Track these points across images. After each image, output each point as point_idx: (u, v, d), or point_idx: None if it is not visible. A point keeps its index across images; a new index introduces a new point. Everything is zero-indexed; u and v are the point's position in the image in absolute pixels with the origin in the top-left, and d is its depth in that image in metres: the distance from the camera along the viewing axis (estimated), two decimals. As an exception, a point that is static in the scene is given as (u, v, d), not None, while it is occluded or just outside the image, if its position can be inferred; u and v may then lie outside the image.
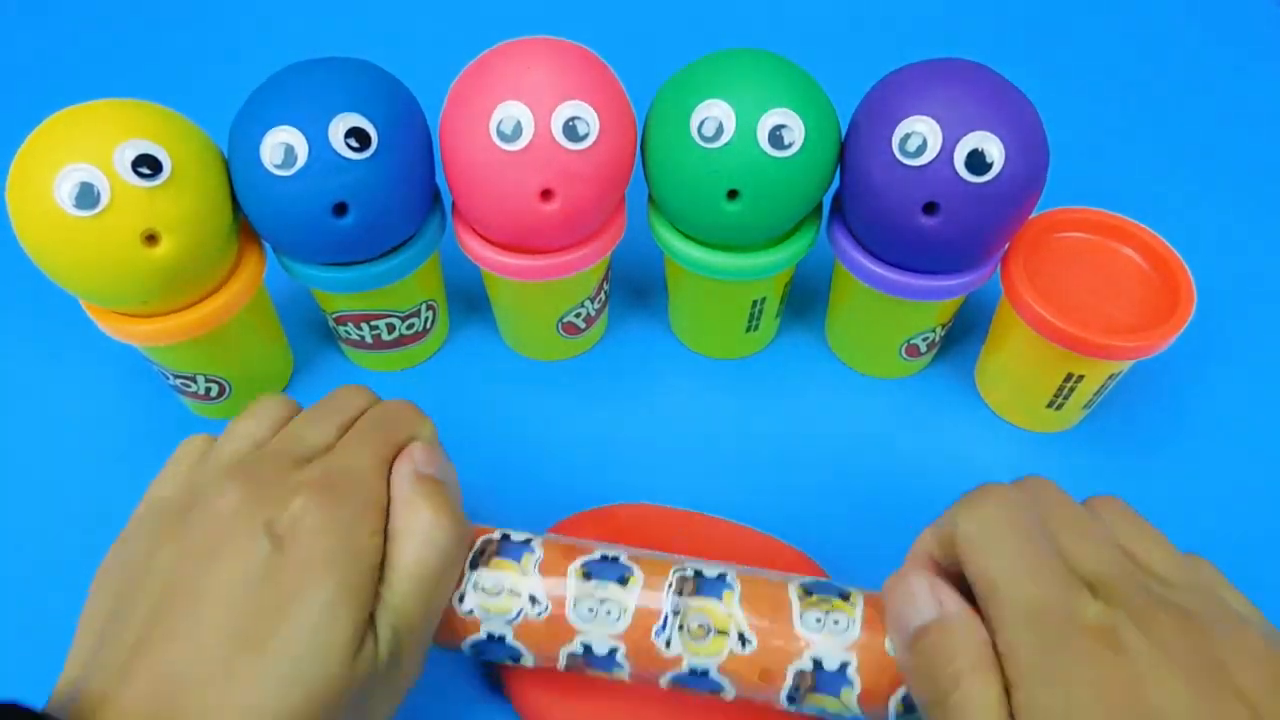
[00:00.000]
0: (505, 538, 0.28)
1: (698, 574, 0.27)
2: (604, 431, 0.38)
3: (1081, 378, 0.35)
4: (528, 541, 0.28)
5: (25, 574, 0.34)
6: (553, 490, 0.35)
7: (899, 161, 0.31)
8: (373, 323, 0.37)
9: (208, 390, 0.37)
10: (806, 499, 0.36)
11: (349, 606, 0.23)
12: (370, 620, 0.24)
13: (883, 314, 0.37)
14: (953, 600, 0.23)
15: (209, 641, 0.22)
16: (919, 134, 0.30)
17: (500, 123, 0.31)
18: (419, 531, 0.25)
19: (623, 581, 0.26)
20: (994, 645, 0.22)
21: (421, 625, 0.25)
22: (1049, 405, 0.37)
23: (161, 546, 0.24)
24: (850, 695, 0.25)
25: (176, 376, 0.36)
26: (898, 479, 0.37)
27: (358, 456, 0.26)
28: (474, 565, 0.27)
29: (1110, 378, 0.35)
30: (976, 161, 0.30)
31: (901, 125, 0.31)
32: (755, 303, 0.38)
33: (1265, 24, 0.59)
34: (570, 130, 0.31)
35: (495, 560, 0.27)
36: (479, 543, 0.28)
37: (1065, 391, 0.36)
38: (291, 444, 0.27)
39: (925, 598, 0.24)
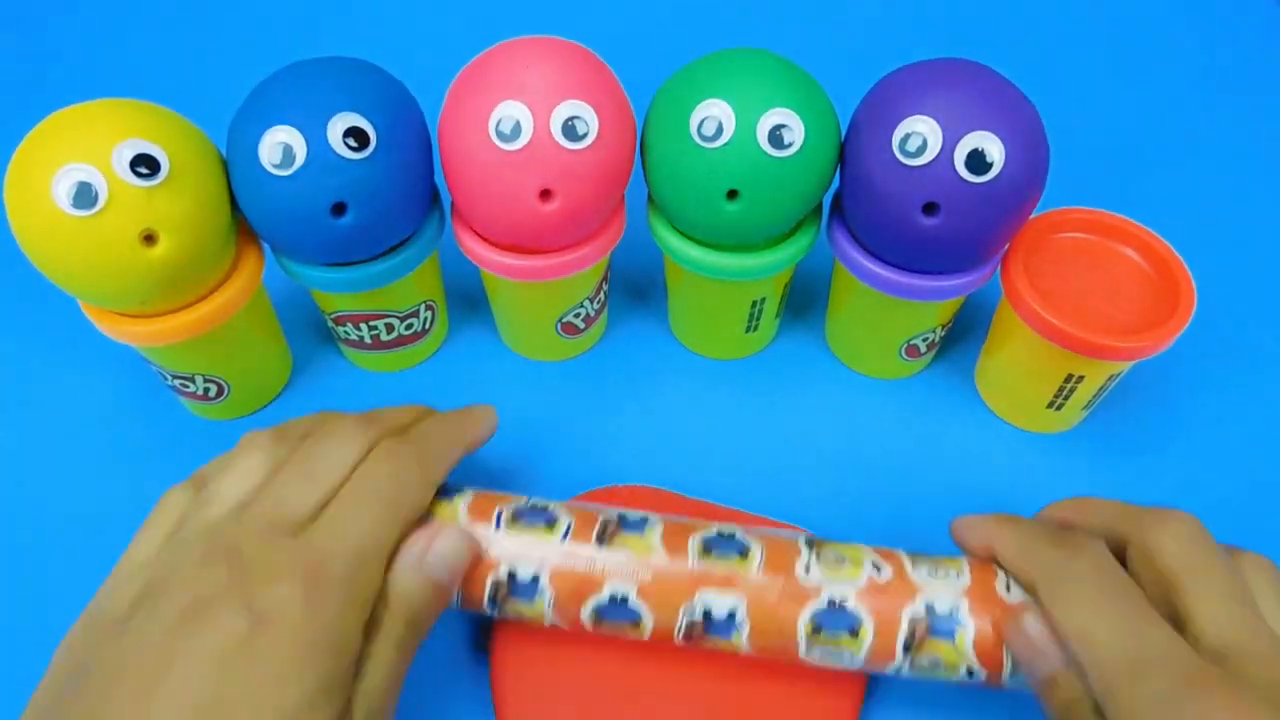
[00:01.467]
0: (622, 519, 0.29)
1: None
2: (603, 432, 0.38)
3: (1081, 378, 0.35)
4: (644, 520, 0.29)
5: (24, 575, 0.34)
6: (551, 492, 0.35)
7: (899, 162, 0.31)
8: (371, 323, 0.37)
9: (206, 390, 0.37)
10: (806, 499, 0.36)
11: (326, 704, 0.22)
12: (347, 707, 0.23)
13: (883, 314, 0.37)
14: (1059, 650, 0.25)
15: (167, 717, 0.21)
16: (919, 134, 0.30)
17: (499, 122, 0.30)
18: (399, 636, 0.25)
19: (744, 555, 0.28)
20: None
21: (392, 706, 0.24)
22: (1049, 406, 0.36)
23: (134, 614, 0.23)
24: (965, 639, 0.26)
25: (175, 377, 0.36)
26: (897, 479, 0.37)
27: (354, 536, 0.25)
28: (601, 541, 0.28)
29: (1110, 378, 0.35)
30: (977, 162, 0.30)
31: (901, 125, 0.31)
32: (755, 303, 0.38)
33: (1265, 24, 0.59)
34: (569, 130, 0.31)
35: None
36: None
37: (1065, 392, 0.36)
38: (278, 509, 0.25)
39: (1049, 649, 0.25)
